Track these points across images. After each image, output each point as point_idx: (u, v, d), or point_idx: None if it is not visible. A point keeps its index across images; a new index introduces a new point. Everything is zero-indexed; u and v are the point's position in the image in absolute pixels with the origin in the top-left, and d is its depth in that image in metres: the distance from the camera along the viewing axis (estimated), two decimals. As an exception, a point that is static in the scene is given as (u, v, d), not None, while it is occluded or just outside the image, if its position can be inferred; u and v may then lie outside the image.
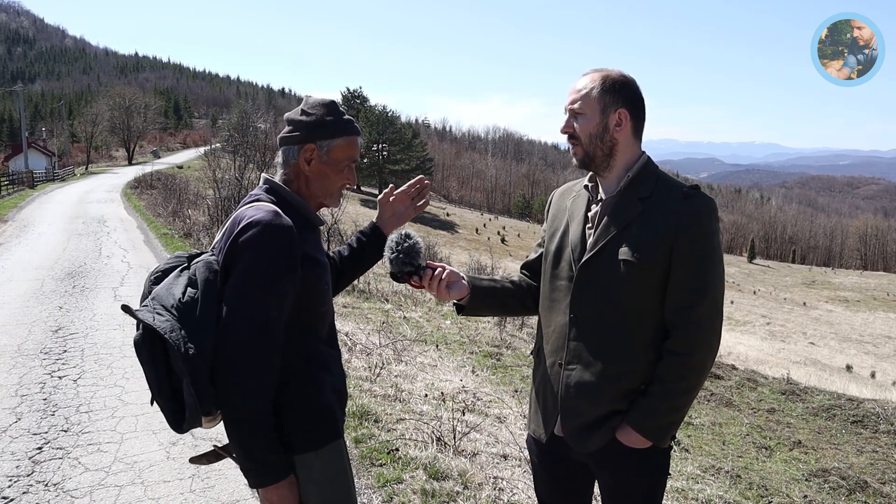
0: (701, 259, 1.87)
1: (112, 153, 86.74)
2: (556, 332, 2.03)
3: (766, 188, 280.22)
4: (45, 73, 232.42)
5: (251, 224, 1.73)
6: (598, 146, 1.96)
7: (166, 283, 1.81)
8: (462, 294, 2.10)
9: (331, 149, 1.90)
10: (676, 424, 1.94)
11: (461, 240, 57.62)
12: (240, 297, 1.72)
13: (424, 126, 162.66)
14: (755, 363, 18.81)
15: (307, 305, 1.84)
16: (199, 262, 1.83)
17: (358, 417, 4.77)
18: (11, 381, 5.67)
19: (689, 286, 1.87)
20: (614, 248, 1.91)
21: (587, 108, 1.96)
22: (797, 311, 51.30)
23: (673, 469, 5.03)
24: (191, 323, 1.71)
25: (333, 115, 1.92)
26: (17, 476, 3.98)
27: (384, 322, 9.29)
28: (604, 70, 1.99)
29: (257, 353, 1.71)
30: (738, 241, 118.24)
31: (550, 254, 2.09)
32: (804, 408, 8.59)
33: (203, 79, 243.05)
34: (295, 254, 1.76)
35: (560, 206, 2.17)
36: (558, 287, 2.04)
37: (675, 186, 1.94)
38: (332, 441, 1.88)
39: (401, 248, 1.98)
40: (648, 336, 1.92)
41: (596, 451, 1.96)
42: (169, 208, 21.47)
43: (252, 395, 1.70)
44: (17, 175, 40.97)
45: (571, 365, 1.98)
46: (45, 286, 10.15)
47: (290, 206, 1.89)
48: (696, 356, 1.88)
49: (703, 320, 1.88)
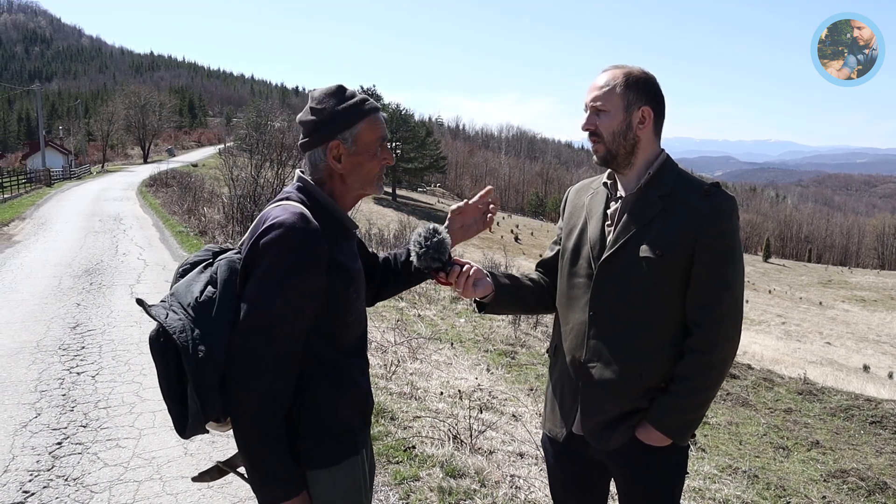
0: (722, 256, 1.86)
1: (128, 151, 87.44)
2: (575, 329, 2.02)
3: (782, 186, 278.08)
4: (62, 72, 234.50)
5: (274, 225, 1.63)
6: (621, 143, 1.94)
7: (187, 280, 1.75)
8: (487, 292, 2.08)
9: (356, 137, 1.78)
10: (697, 422, 1.93)
11: (474, 238, 57.52)
12: (255, 301, 1.63)
13: (438, 124, 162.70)
14: (771, 363, 18.67)
15: (331, 314, 1.73)
16: (223, 260, 1.75)
17: (374, 415, 4.78)
18: (31, 377, 5.73)
19: (710, 284, 1.86)
20: (635, 246, 1.90)
21: (610, 105, 1.93)
22: (813, 311, 50.88)
23: (690, 468, 5.00)
24: (205, 324, 1.63)
25: (345, 101, 1.79)
26: (37, 471, 4.02)
27: (399, 320, 9.29)
28: (625, 67, 1.96)
29: (270, 361, 1.61)
30: (754, 239, 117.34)
31: (568, 251, 2.08)
32: (821, 408, 8.52)
33: (217, 77, 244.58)
34: (318, 260, 1.65)
35: (577, 203, 2.16)
36: (577, 284, 2.03)
37: (695, 184, 1.93)
38: (348, 458, 1.78)
39: (430, 242, 1.92)
40: (669, 333, 1.91)
41: (614, 450, 1.95)
42: (184, 206, 21.61)
43: (262, 406, 1.60)
44: (35, 173, 41.42)
45: (591, 363, 1.97)
46: (63, 283, 10.25)
47: (321, 208, 1.77)
48: (718, 353, 1.87)
49: (725, 318, 1.87)
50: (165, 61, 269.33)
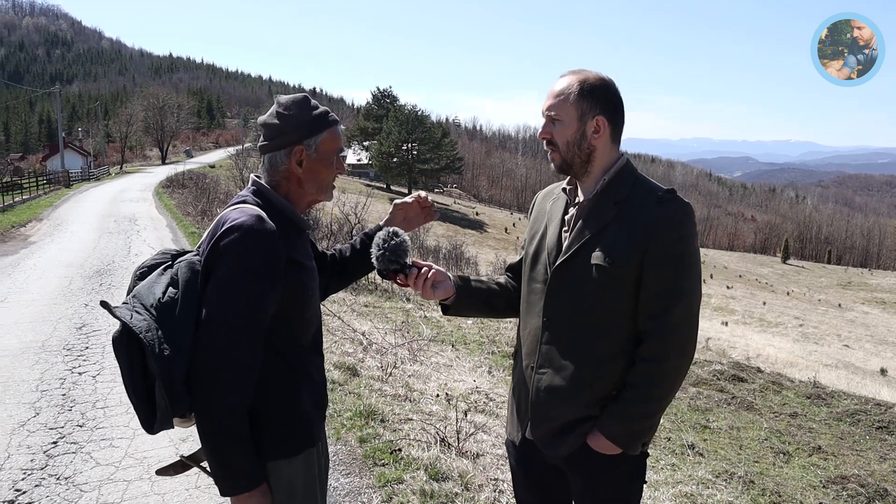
0: (675, 264, 1.84)
1: (146, 153, 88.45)
2: (531, 335, 2.02)
3: (802, 187, 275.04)
4: (83, 74, 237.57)
5: (233, 228, 1.71)
6: (575, 153, 1.93)
7: (148, 282, 1.80)
8: (448, 294, 2.09)
9: (318, 145, 1.88)
10: (648, 432, 1.92)
11: (490, 239, 57.53)
12: (218, 301, 1.70)
13: (455, 125, 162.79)
14: (784, 365, 18.46)
15: (290, 311, 1.81)
16: (183, 262, 1.80)
17: (364, 417, 4.80)
18: (33, 377, 5.82)
19: (662, 291, 1.84)
20: (587, 253, 1.89)
21: (564, 115, 1.92)
22: (832, 313, 50.26)
23: (684, 474, 4.97)
24: (169, 323, 1.69)
25: (311, 110, 1.89)
26: (31, 469, 4.08)
27: (404, 321, 9.32)
28: (581, 73, 1.94)
29: (233, 358, 1.69)
30: (772, 241, 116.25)
31: (529, 256, 2.08)
32: (828, 412, 8.41)
33: (235, 79, 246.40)
34: (276, 259, 1.74)
35: (541, 208, 2.15)
36: (534, 290, 2.03)
37: (651, 190, 1.91)
38: (306, 449, 1.86)
39: (388, 245, 1.97)
40: (621, 342, 1.90)
41: (568, 456, 1.95)
42: (198, 207, 21.79)
43: (227, 402, 1.67)
44: (54, 174, 41.96)
45: (543, 368, 1.96)
46: (74, 284, 10.39)
47: (276, 209, 1.86)
48: (669, 362, 1.85)
49: (677, 327, 1.85)
50: (184, 63, 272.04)
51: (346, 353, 6.86)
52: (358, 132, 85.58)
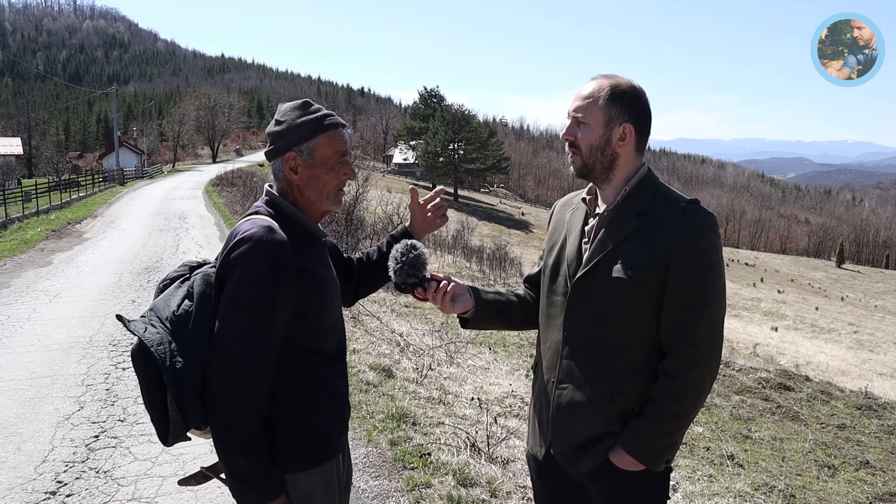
0: (698, 276, 1.79)
1: (197, 151, 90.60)
2: (552, 349, 1.98)
3: (859, 189, 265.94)
4: (139, 75, 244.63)
5: (243, 239, 1.71)
6: (598, 158, 1.89)
7: (166, 294, 1.82)
8: (467, 307, 2.06)
9: (312, 150, 1.84)
10: (671, 448, 1.87)
11: (535, 240, 57.11)
12: (229, 313, 1.70)
13: (502, 125, 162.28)
14: (836, 374, 17.91)
15: (305, 320, 1.79)
16: (198, 275, 1.82)
17: (396, 419, 4.81)
18: (80, 371, 6.00)
19: (685, 305, 1.79)
20: (609, 265, 1.84)
21: (591, 119, 1.88)
22: (889, 320, 48.43)
23: (721, 486, 4.86)
24: (183, 336, 1.70)
25: (306, 115, 1.86)
26: (73, 462, 4.21)
27: (443, 322, 9.32)
28: (613, 78, 1.90)
29: (246, 370, 1.68)
30: (826, 244, 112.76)
31: (548, 268, 2.04)
32: (879, 425, 8.12)
33: (285, 79, 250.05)
34: (285, 269, 1.72)
35: (560, 218, 2.11)
36: (554, 303, 1.99)
37: (674, 200, 1.86)
38: (324, 462, 1.85)
39: (405, 258, 1.93)
40: (643, 356, 1.85)
41: (590, 472, 1.91)
42: (246, 205, 22.18)
43: (240, 413, 1.67)
44: (109, 173, 43.31)
45: (563, 384, 1.93)
46: (123, 280, 10.69)
47: (288, 219, 1.84)
48: (692, 378, 1.80)
49: (700, 340, 1.79)
50: (236, 63, 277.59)
51: (383, 353, 6.89)
52: (405, 131, 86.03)
